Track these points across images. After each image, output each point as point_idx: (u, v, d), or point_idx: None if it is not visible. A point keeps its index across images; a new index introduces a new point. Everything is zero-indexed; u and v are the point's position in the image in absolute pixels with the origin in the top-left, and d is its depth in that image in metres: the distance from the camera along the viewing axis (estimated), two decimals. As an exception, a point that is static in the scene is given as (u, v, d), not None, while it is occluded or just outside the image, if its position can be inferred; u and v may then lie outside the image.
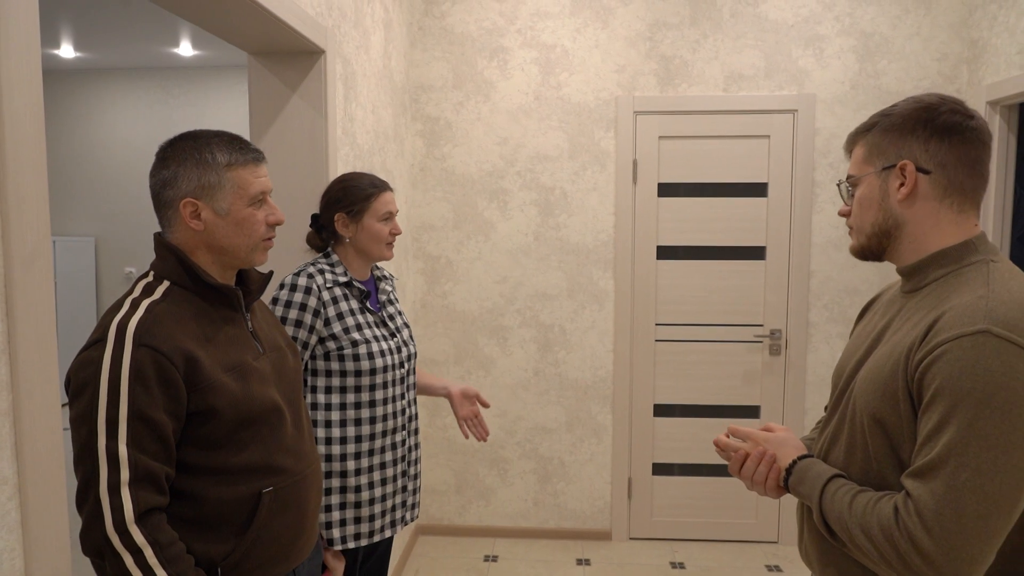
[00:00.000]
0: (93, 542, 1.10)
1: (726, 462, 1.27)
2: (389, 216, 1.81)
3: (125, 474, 1.09)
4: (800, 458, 1.16)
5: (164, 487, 1.14)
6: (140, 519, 1.10)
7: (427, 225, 3.43)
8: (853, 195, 1.16)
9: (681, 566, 3.23)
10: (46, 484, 1.07)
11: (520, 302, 3.43)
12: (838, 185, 1.21)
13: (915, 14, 3.21)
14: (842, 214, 1.20)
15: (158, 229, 5.02)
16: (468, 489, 3.52)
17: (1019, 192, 4.59)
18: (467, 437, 2.01)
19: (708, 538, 3.47)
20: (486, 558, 3.30)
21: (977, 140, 1.06)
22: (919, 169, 1.07)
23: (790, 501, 3.41)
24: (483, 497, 3.51)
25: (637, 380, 3.43)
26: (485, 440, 2.01)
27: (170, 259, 1.24)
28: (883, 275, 3.33)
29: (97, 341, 1.13)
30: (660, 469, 3.47)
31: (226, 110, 5.00)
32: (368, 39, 2.66)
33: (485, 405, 1.99)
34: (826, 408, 1.25)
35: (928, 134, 1.07)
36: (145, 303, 1.18)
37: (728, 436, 1.28)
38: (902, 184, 1.08)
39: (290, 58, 2.17)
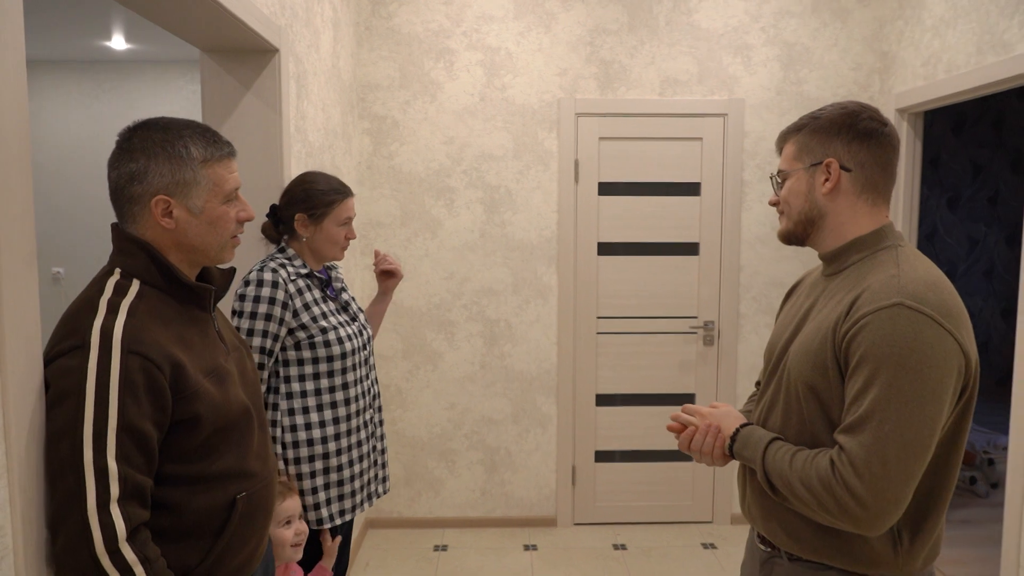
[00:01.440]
0: (77, 564, 1.02)
1: (675, 443, 1.40)
2: (348, 221, 1.88)
3: (115, 490, 1.03)
4: (742, 426, 1.30)
5: (148, 501, 1.09)
6: (130, 537, 1.04)
7: (375, 222, 3.48)
8: (783, 187, 1.31)
9: (623, 547, 3.38)
10: (31, 466, 1.10)
11: (467, 297, 3.51)
12: (771, 178, 1.37)
13: (832, 27, 3.46)
14: (772, 203, 1.35)
15: (87, 227, 4.86)
16: (417, 481, 3.58)
17: (924, 193, 4.96)
18: (399, 270, 2.17)
19: (648, 520, 3.64)
20: (436, 548, 3.37)
21: (889, 145, 1.24)
22: (842, 167, 1.23)
23: (723, 485, 3.62)
24: (432, 488, 3.58)
25: (580, 371, 3.57)
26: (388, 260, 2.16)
27: (140, 256, 1.15)
28: (806, 269, 3.57)
29: (77, 347, 1.05)
30: (602, 456, 3.61)
31: (160, 106, 4.89)
32: (318, 38, 2.70)
33: (377, 255, 2.16)
34: (757, 384, 1.39)
35: (850, 137, 1.23)
36: (124, 305, 1.10)
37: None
38: (827, 179, 1.24)
39: (244, 56, 2.20)
